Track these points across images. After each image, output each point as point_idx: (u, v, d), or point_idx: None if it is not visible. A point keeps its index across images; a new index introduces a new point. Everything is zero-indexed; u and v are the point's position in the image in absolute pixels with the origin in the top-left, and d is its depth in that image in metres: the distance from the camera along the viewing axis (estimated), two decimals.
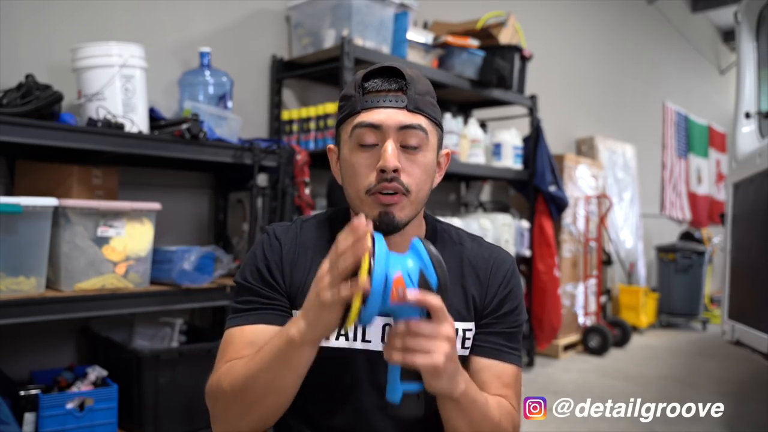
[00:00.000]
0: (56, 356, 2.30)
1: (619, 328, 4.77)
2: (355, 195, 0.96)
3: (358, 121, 0.93)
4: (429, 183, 0.97)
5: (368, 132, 0.93)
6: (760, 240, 2.74)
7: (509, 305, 1.03)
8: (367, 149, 0.93)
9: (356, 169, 0.94)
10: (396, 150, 0.92)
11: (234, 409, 0.88)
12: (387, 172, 0.91)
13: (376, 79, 0.95)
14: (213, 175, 2.75)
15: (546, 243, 3.97)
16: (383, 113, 0.92)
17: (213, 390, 0.92)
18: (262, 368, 0.84)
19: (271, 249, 1.00)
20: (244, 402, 0.87)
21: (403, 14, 2.96)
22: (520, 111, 4.08)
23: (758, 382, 3.79)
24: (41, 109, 1.88)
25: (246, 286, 0.99)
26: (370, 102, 0.93)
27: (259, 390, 0.85)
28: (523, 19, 3.96)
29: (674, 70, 7.65)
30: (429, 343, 0.77)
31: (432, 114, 0.96)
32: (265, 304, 0.97)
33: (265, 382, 0.85)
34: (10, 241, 1.80)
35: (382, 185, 0.92)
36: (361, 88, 0.94)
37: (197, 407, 2.18)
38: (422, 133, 0.94)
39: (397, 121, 0.92)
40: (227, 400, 0.88)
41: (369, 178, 0.93)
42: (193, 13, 2.72)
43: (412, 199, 0.94)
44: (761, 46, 3.16)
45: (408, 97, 0.93)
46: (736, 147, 3.20)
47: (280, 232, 1.03)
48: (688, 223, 7.71)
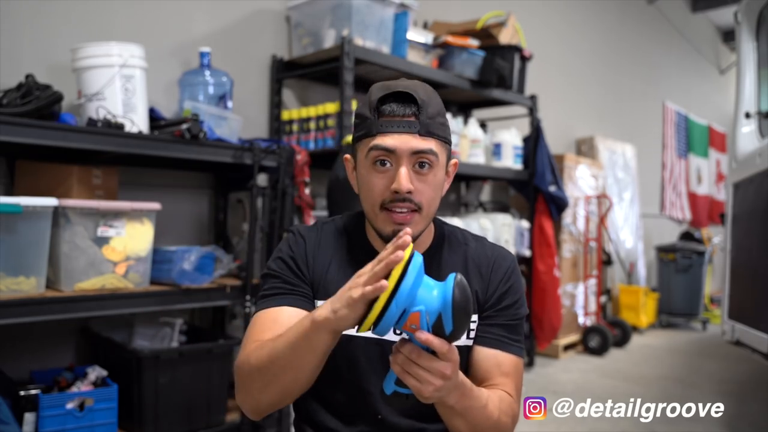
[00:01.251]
0: (56, 356, 2.30)
1: (619, 328, 4.77)
2: (370, 209, 1.05)
3: (374, 144, 1.02)
4: (439, 197, 1.07)
5: (383, 154, 1.01)
6: (760, 240, 2.74)
7: (509, 299, 1.10)
8: (383, 169, 1.02)
9: (372, 187, 1.03)
10: (408, 173, 1.01)
11: (257, 382, 0.96)
12: (401, 193, 1.00)
13: (392, 103, 1.02)
14: (213, 175, 2.75)
15: (546, 243, 3.97)
16: (397, 139, 1.01)
17: (241, 364, 0.99)
18: (286, 346, 0.91)
19: (297, 244, 1.11)
20: (266, 376, 0.94)
21: (403, 14, 2.96)
22: (520, 111, 4.08)
23: (758, 382, 3.79)
24: (41, 109, 1.87)
25: (273, 274, 1.09)
26: (385, 126, 1.01)
27: (279, 366, 0.92)
28: (523, 19, 3.96)
29: (674, 70, 7.65)
30: (424, 374, 0.84)
31: (442, 135, 1.04)
32: (290, 289, 1.06)
33: (287, 359, 0.91)
34: (10, 241, 1.80)
35: (396, 204, 1.01)
36: (377, 111, 1.02)
37: (197, 407, 2.18)
38: (433, 156, 1.02)
39: (410, 146, 1.00)
40: (252, 374, 0.96)
41: (383, 195, 1.02)
42: (193, 13, 2.72)
43: (423, 215, 1.04)
44: (761, 46, 3.16)
45: (420, 123, 1.01)
46: (736, 147, 3.20)
47: (305, 231, 1.14)
48: (688, 223, 7.71)
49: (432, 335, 0.82)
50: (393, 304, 0.80)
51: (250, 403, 0.99)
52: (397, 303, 0.80)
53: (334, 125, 2.75)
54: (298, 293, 1.06)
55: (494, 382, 1.05)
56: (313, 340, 0.88)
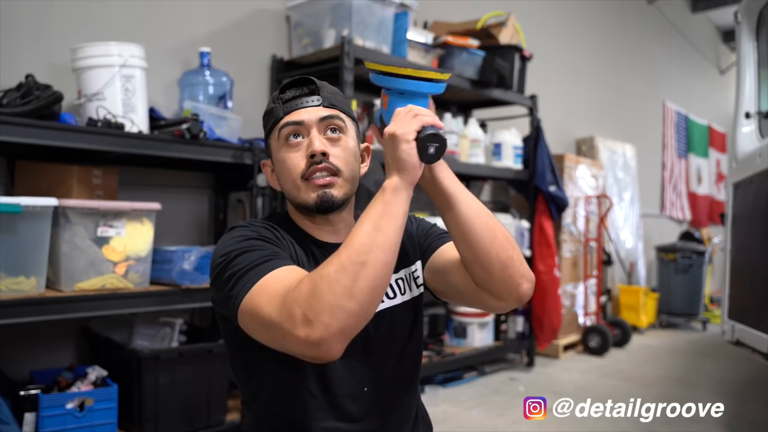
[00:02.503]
0: (56, 356, 2.30)
1: (619, 328, 4.77)
2: (291, 185, 1.06)
3: (282, 123, 1.06)
4: (357, 166, 1.09)
5: (294, 129, 1.05)
6: (760, 240, 2.74)
7: (430, 229, 1.21)
8: (295, 143, 1.06)
9: (288, 161, 1.05)
10: (321, 137, 1.05)
11: (343, 283, 0.83)
12: (316, 156, 1.03)
13: (291, 89, 1.09)
14: (213, 175, 2.75)
15: (546, 243, 3.97)
16: (303, 112, 1.06)
17: (293, 296, 0.85)
18: (368, 227, 0.89)
19: (258, 230, 1.02)
20: (353, 270, 0.84)
21: (403, 14, 2.96)
22: (520, 111, 4.08)
23: (758, 382, 3.79)
24: (41, 109, 1.88)
25: (242, 251, 0.95)
26: (290, 107, 1.07)
27: (367, 248, 0.87)
28: (523, 19, 3.96)
29: (674, 70, 7.65)
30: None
31: (345, 108, 1.10)
32: (276, 253, 0.96)
33: (374, 237, 0.88)
34: (10, 241, 1.80)
35: (314, 168, 1.03)
36: (280, 99, 1.08)
37: (197, 407, 2.18)
38: (340, 122, 1.07)
39: (317, 115, 1.06)
40: (332, 282, 0.83)
41: (300, 165, 1.04)
42: (193, 13, 2.72)
43: (345, 179, 1.06)
44: (761, 46, 3.16)
45: (322, 97, 1.08)
46: (736, 147, 3.20)
47: (256, 222, 1.06)
48: (688, 223, 7.71)
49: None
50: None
51: (340, 308, 0.83)
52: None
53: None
54: (284, 256, 0.98)
55: None
56: (393, 207, 0.92)
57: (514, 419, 2.89)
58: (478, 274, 1.02)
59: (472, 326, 3.63)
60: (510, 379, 3.61)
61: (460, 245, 1.03)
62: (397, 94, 1.01)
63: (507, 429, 2.76)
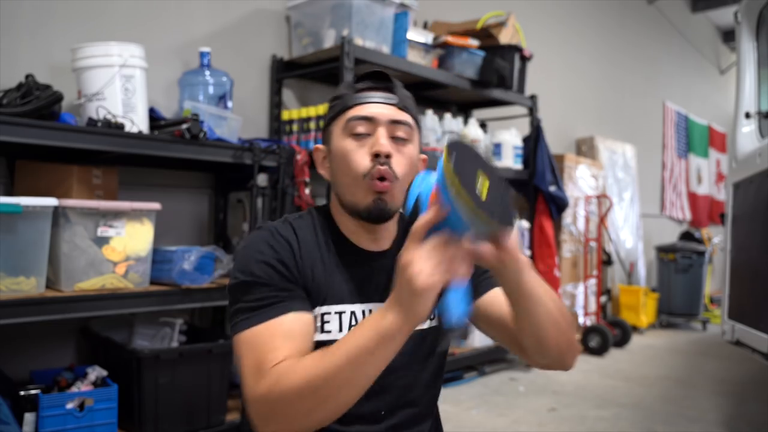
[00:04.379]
0: (56, 356, 2.30)
1: (619, 328, 4.77)
2: (350, 181, 0.99)
3: (351, 114, 1.00)
4: (412, 176, 1.01)
5: (361, 123, 1.00)
6: (760, 240, 2.74)
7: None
8: (360, 138, 1.00)
9: (350, 155, 0.99)
10: (388, 139, 0.99)
11: (301, 406, 0.82)
12: (381, 156, 0.97)
13: (367, 80, 1.04)
14: (213, 175, 2.75)
15: (546, 243, 3.97)
16: (375, 107, 1.00)
17: (269, 393, 0.84)
18: (342, 364, 0.80)
19: (279, 244, 0.98)
20: (315, 399, 0.82)
21: (403, 14, 2.96)
22: (520, 111, 4.08)
23: (758, 382, 3.79)
24: (41, 109, 1.88)
25: (256, 282, 0.93)
26: (363, 98, 1.01)
27: (335, 385, 0.81)
28: (523, 19, 3.96)
29: (674, 70, 7.65)
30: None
31: (415, 114, 1.05)
32: (286, 296, 0.94)
33: (346, 377, 0.80)
34: (10, 241, 1.80)
35: (377, 169, 0.97)
36: (353, 87, 1.03)
37: (197, 407, 2.18)
38: (409, 129, 1.02)
39: (389, 115, 1.00)
40: (291, 400, 0.82)
41: (363, 163, 0.98)
42: (193, 13, 2.72)
43: (399, 188, 1.00)
44: (761, 46, 3.16)
45: (398, 96, 1.02)
46: (736, 147, 3.20)
47: (282, 230, 1.01)
48: (688, 223, 7.71)
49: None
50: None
51: (293, 428, 0.84)
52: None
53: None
54: (295, 297, 0.95)
55: None
56: (382, 353, 0.80)
57: (514, 419, 2.89)
58: (533, 348, 0.98)
59: (472, 326, 3.62)
60: (510, 379, 3.61)
61: (522, 332, 0.96)
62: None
63: (507, 429, 2.76)
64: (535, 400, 3.22)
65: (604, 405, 3.15)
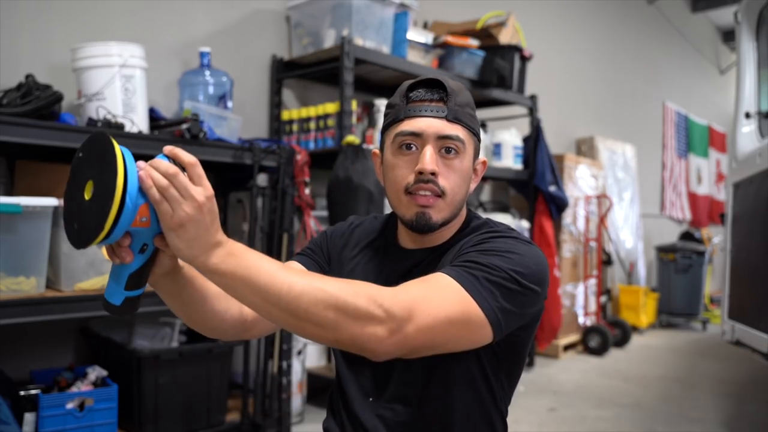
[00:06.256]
0: (56, 356, 2.30)
1: (619, 328, 4.77)
2: (394, 195, 1.03)
3: (400, 129, 1.02)
4: (465, 188, 1.04)
5: (409, 138, 1.01)
6: (760, 240, 2.74)
7: (479, 246, 0.97)
8: (408, 153, 1.01)
9: (396, 170, 1.02)
10: (434, 155, 0.99)
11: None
12: (424, 174, 0.99)
13: (420, 89, 1.03)
14: (213, 175, 2.74)
15: (546, 243, 3.97)
16: (424, 122, 1.00)
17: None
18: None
19: (321, 238, 1.20)
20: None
21: (403, 14, 2.96)
22: (520, 111, 4.08)
23: (758, 382, 3.79)
24: (41, 109, 1.88)
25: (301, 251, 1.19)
26: (413, 111, 1.01)
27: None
28: (523, 19, 3.96)
29: (674, 70, 7.65)
30: (177, 195, 0.80)
31: (470, 124, 1.03)
32: (308, 254, 1.16)
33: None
34: (10, 241, 1.80)
35: (419, 185, 0.99)
36: (406, 97, 1.03)
37: (197, 407, 2.18)
38: (459, 143, 1.01)
39: (437, 130, 1.00)
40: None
41: (408, 178, 1.01)
42: (193, 13, 2.72)
43: (448, 202, 1.01)
44: (761, 46, 3.16)
45: (448, 108, 1.00)
46: (736, 147, 3.20)
47: (333, 230, 1.20)
48: (688, 223, 7.71)
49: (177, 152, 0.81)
50: (127, 199, 0.73)
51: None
52: (131, 197, 0.74)
53: (334, 125, 2.75)
54: (311, 257, 1.15)
55: None
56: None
57: (514, 419, 2.89)
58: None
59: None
60: None
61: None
62: None
63: None
64: (535, 400, 3.22)
65: (604, 405, 3.15)
